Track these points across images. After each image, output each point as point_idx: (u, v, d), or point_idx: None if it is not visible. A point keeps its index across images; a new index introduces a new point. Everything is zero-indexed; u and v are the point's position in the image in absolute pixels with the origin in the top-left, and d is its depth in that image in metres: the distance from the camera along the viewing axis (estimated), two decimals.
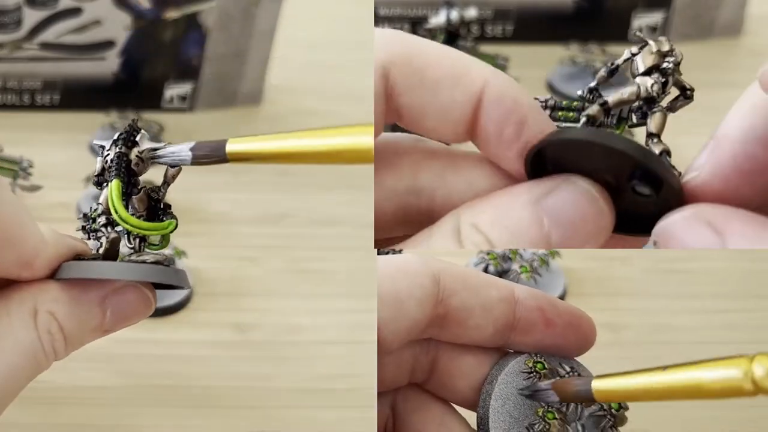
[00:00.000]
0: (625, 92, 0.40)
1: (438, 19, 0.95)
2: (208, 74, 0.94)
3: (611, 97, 0.41)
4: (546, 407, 0.42)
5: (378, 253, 0.47)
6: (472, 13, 0.95)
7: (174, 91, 0.94)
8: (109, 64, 0.92)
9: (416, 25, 1.00)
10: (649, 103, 0.40)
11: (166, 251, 0.62)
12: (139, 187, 0.43)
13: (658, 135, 0.40)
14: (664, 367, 0.36)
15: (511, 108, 0.40)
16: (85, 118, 0.90)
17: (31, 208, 0.50)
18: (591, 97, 0.41)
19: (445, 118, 0.39)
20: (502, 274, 0.70)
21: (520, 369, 0.42)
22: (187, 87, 0.94)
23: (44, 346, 0.41)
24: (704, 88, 1.00)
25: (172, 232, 0.44)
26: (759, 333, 0.71)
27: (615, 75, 0.41)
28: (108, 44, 0.91)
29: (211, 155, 0.41)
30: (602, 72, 0.41)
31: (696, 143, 0.40)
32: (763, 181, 0.37)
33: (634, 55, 0.41)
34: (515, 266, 0.71)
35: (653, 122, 0.40)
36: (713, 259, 0.77)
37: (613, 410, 0.42)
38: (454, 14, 0.94)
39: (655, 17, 1.02)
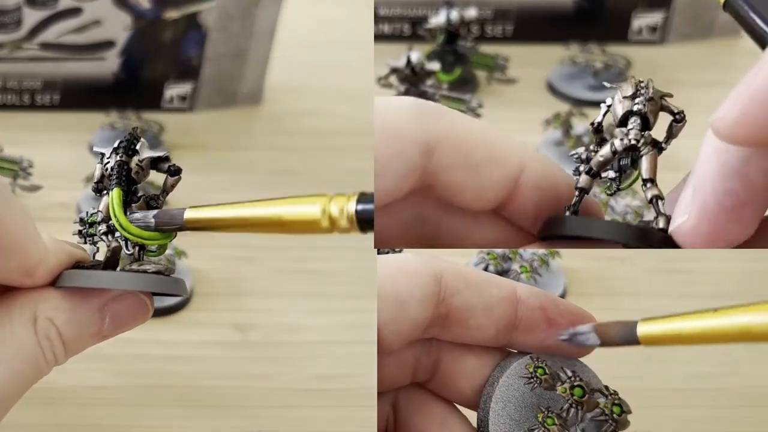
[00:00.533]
0: (602, 153, 0.42)
1: (438, 19, 0.95)
2: (208, 74, 0.94)
3: (593, 162, 0.42)
4: (546, 413, 0.42)
5: (378, 253, 0.47)
6: (472, 13, 0.95)
7: (174, 91, 0.94)
8: (109, 64, 0.92)
9: (416, 25, 1.01)
10: (632, 150, 0.41)
11: (168, 251, 0.63)
12: (139, 195, 0.44)
13: (651, 179, 0.41)
14: (715, 310, 0.37)
15: (550, 190, 0.42)
16: (85, 118, 0.90)
17: (31, 208, 0.50)
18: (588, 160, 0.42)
19: (482, 196, 0.42)
20: (502, 274, 0.70)
21: (522, 373, 0.42)
22: (187, 87, 0.94)
23: (44, 352, 0.42)
24: (704, 88, 1.00)
25: (170, 241, 0.45)
26: None
27: (601, 131, 0.42)
28: (108, 44, 0.91)
29: (171, 223, 0.43)
30: (592, 132, 0.42)
31: (696, 144, 0.40)
32: (749, 214, 0.38)
33: (609, 106, 0.42)
34: (515, 266, 0.71)
35: (643, 168, 0.41)
36: (714, 260, 0.77)
37: (615, 415, 0.42)
38: (454, 14, 0.94)
39: (655, 17, 1.02)
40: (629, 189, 0.79)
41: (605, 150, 0.41)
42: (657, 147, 0.41)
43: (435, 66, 0.85)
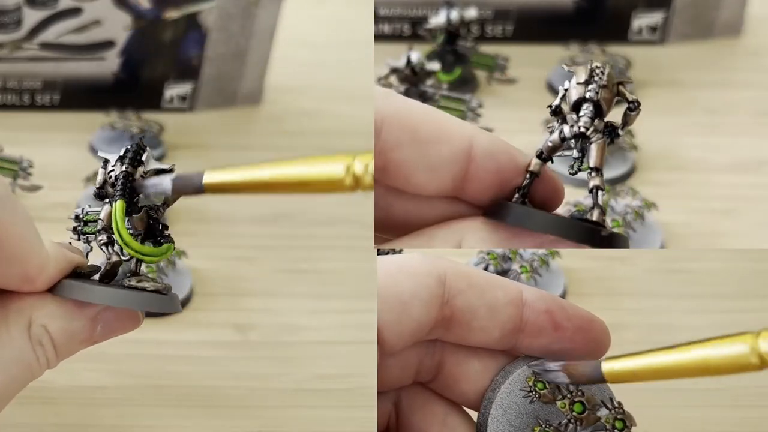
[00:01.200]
0: (552, 138, 0.42)
1: (438, 19, 0.95)
2: (208, 74, 0.94)
3: (543, 146, 0.42)
4: (543, 426, 0.42)
5: (378, 253, 0.47)
6: (472, 13, 0.95)
7: (174, 91, 0.94)
8: (109, 64, 0.92)
9: (416, 25, 1.01)
10: (582, 138, 0.41)
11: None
12: (140, 206, 0.44)
13: (597, 168, 0.41)
14: (672, 347, 0.37)
15: (504, 157, 0.43)
16: (85, 118, 0.90)
17: (31, 208, 0.50)
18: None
19: (434, 174, 0.42)
20: (502, 274, 0.70)
21: (523, 383, 0.42)
22: (187, 87, 0.94)
23: (38, 357, 0.44)
24: (704, 88, 1.00)
25: (169, 257, 0.46)
26: None
27: (560, 113, 0.42)
28: (108, 44, 0.91)
29: (188, 186, 0.43)
30: (550, 114, 0.42)
31: (696, 143, 0.40)
32: None
33: (566, 90, 0.42)
34: (515, 266, 0.71)
35: (591, 156, 0.41)
36: (714, 260, 0.77)
37: (616, 430, 0.42)
38: (454, 14, 0.94)
39: (655, 17, 1.02)
40: (629, 189, 0.79)
41: (554, 136, 0.42)
42: (613, 132, 0.41)
43: (435, 66, 0.85)
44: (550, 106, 0.42)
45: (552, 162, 0.43)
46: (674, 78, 0.96)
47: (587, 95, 0.41)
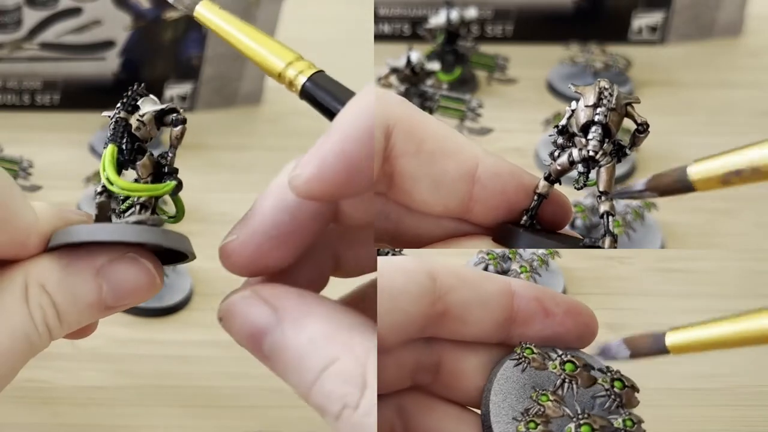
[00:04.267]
0: (560, 162, 0.42)
1: (438, 19, 0.95)
2: (208, 74, 0.94)
3: (551, 168, 0.42)
4: (539, 391, 0.42)
5: (377, 253, 0.47)
6: (472, 13, 0.95)
7: (174, 91, 0.94)
8: (109, 64, 0.92)
9: (416, 25, 1.01)
10: (590, 161, 0.41)
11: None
12: (145, 153, 0.41)
13: (606, 192, 0.41)
14: (737, 315, 0.38)
15: (509, 179, 0.42)
16: (85, 118, 0.90)
17: None
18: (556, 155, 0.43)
19: (438, 189, 0.42)
20: (501, 273, 0.70)
21: (515, 363, 0.43)
22: (187, 87, 0.94)
23: (36, 323, 0.39)
24: (704, 88, 1.00)
25: (170, 193, 0.41)
26: None
27: (567, 132, 0.42)
28: (108, 44, 0.91)
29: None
30: (555, 134, 0.42)
31: (697, 143, 0.40)
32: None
33: (573, 111, 0.42)
34: (515, 266, 0.71)
35: (600, 180, 0.41)
36: (713, 259, 0.77)
37: (616, 389, 0.42)
38: (454, 14, 0.94)
39: (655, 17, 1.02)
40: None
41: (563, 159, 0.42)
42: (621, 152, 0.41)
43: (435, 66, 0.85)
44: (557, 127, 0.42)
45: (560, 183, 0.43)
46: (674, 78, 0.96)
47: (596, 118, 0.41)
